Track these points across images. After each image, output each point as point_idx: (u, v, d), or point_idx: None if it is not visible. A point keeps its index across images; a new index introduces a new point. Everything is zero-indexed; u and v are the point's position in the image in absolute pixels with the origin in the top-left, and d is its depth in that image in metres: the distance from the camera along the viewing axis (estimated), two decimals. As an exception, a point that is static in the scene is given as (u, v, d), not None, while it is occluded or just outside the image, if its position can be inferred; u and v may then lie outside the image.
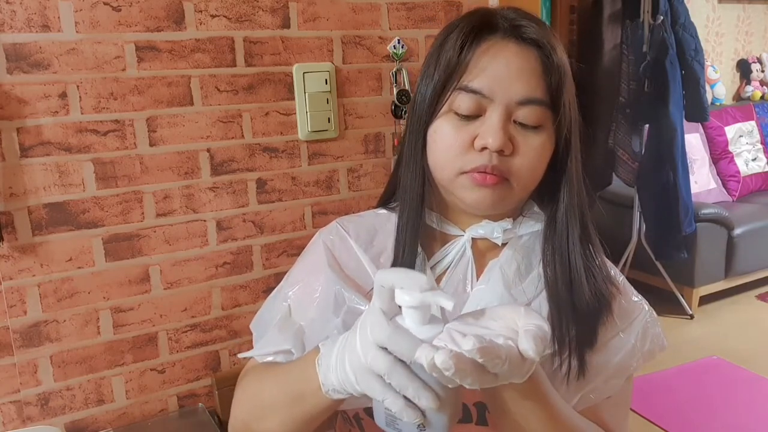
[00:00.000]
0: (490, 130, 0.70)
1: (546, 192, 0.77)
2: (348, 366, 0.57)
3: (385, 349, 0.54)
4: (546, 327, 0.56)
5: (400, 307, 0.55)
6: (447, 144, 0.72)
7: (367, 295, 0.76)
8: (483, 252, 0.79)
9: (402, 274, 0.56)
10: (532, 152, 0.71)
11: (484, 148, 0.70)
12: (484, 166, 0.70)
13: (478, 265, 0.78)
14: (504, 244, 0.78)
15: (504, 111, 0.70)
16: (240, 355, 0.82)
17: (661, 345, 0.80)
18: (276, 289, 0.83)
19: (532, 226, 0.79)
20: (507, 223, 0.77)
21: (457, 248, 0.78)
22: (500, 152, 0.70)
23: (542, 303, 0.75)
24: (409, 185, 0.77)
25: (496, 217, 0.77)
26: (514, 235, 0.78)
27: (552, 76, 0.71)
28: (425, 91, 0.74)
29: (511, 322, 0.57)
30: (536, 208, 0.80)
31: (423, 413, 0.54)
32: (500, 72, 0.70)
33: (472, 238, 0.78)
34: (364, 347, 0.56)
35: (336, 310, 0.75)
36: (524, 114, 0.70)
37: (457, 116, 0.72)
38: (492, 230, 0.76)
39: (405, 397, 0.54)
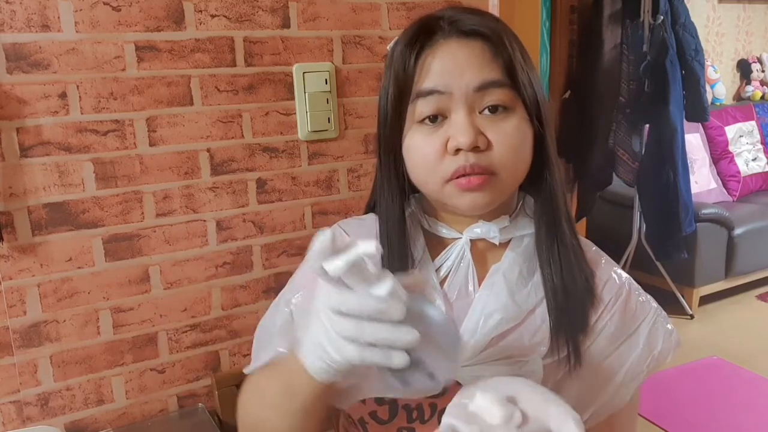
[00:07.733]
0: (458, 129, 0.68)
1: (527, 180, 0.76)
2: (325, 342, 0.56)
3: (346, 314, 0.53)
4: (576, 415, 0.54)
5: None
6: (422, 155, 0.71)
7: None
8: (483, 252, 0.78)
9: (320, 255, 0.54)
10: (508, 138, 0.69)
11: (458, 150, 0.69)
12: (463, 167, 0.69)
13: (479, 265, 0.77)
14: (506, 243, 0.78)
15: (466, 105, 0.69)
16: (245, 370, 0.82)
17: (676, 341, 0.80)
18: (278, 295, 0.83)
19: (531, 223, 0.78)
20: (504, 221, 0.76)
21: (457, 251, 0.77)
22: (476, 149, 0.68)
23: (544, 310, 0.75)
24: (387, 210, 0.76)
25: (492, 215, 0.76)
26: (513, 235, 0.77)
27: (503, 59, 0.70)
28: (385, 112, 0.74)
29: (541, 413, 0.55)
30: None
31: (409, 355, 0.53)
32: (449, 66, 0.69)
33: (471, 240, 0.77)
34: (327, 319, 0.55)
35: None
36: (488, 99, 0.69)
37: (423, 124, 0.71)
38: (488, 230, 0.75)
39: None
